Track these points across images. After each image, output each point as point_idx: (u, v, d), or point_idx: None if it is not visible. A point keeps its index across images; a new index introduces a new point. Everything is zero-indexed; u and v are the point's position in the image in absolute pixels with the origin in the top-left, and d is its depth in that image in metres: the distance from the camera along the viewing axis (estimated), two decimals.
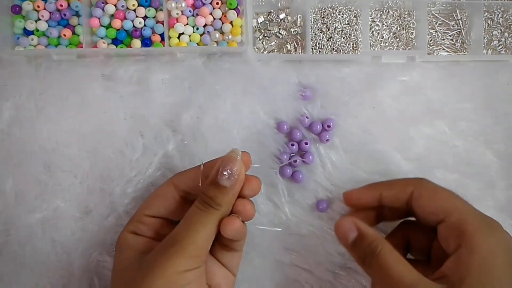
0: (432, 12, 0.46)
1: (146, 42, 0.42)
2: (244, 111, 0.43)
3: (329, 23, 0.45)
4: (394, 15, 0.46)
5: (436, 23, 0.46)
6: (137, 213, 0.36)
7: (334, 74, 0.44)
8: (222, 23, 0.43)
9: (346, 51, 0.45)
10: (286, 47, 0.45)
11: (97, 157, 0.41)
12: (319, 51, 0.45)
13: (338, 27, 0.45)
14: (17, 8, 0.41)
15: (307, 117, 0.43)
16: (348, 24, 0.45)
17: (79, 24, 0.42)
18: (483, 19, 0.46)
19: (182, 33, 0.42)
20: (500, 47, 0.47)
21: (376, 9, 0.46)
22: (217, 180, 0.31)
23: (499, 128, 0.46)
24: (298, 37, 0.45)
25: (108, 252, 0.41)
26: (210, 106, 0.42)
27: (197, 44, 0.43)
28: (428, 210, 0.34)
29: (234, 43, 0.43)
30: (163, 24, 0.42)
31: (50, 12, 0.41)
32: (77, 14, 0.42)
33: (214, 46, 0.43)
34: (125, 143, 0.42)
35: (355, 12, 0.45)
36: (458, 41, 0.47)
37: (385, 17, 0.46)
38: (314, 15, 0.45)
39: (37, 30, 0.41)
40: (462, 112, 0.45)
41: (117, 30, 0.42)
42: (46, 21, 0.41)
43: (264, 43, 0.45)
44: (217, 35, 0.42)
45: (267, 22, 0.45)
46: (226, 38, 0.43)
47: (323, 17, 0.45)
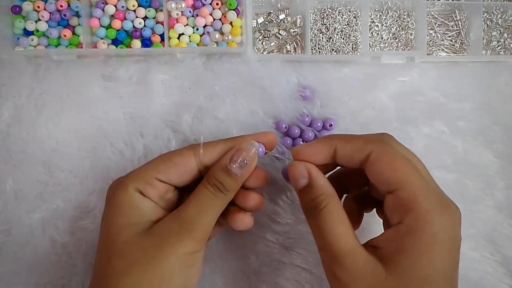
0: (432, 13, 0.46)
1: (146, 43, 0.42)
2: (244, 111, 0.43)
3: (329, 24, 0.45)
4: (393, 15, 0.46)
5: (435, 24, 0.46)
6: (147, 173, 0.33)
7: (333, 75, 0.44)
8: (222, 24, 0.43)
9: (345, 52, 0.45)
10: (286, 47, 0.45)
11: (97, 157, 0.42)
12: (319, 52, 0.45)
13: (338, 28, 0.45)
14: (17, 9, 0.41)
15: (307, 116, 0.43)
16: (347, 24, 0.45)
17: (79, 25, 0.42)
18: (482, 19, 0.46)
19: (182, 34, 0.42)
20: (499, 47, 0.47)
21: (376, 9, 0.46)
22: (228, 167, 0.32)
23: (498, 128, 0.46)
24: (298, 38, 0.45)
25: None
26: (210, 106, 0.43)
27: (197, 44, 0.43)
28: (380, 178, 0.30)
29: (234, 43, 0.43)
30: (163, 25, 0.42)
31: (50, 13, 0.41)
32: (77, 15, 0.42)
33: (214, 46, 0.43)
34: (125, 143, 0.42)
35: (354, 12, 0.45)
36: (457, 41, 0.47)
37: (384, 17, 0.46)
38: (313, 16, 0.45)
39: (37, 31, 0.41)
40: (461, 112, 0.46)
41: (117, 30, 0.42)
42: (46, 22, 0.41)
43: (263, 43, 0.45)
44: (217, 36, 0.42)
45: (266, 22, 0.45)
46: (226, 38, 0.43)
47: (323, 18, 0.45)
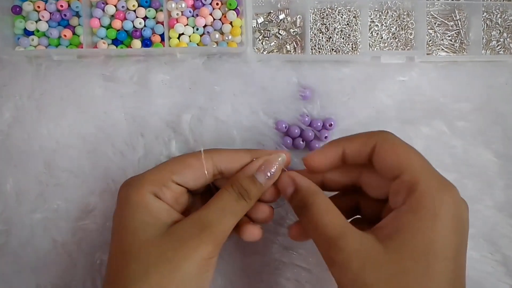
0: (431, 13, 0.46)
1: (146, 43, 0.42)
2: (244, 111, 0.43)
3: (329, 24, 0.45)
4: (393, 15, 0.46)
5: (435, 24, 0.47)
6: (163, 175, 0.33)
7: (333, 74, 0.44)
8: (222, 24, 0.43)
9: (345, 52, 0.45)
10: (286, 47, 0.45)
11: (97, 157, 0.42)
12: (319, 52, 0.45)
13: (338, 28, 0.45)
14: (17, 9, 0.41)
15: (307, 116, 0.43)
16: (347, 24, 0.45)
17: (79, 25, 0.42)
18: (482, 19, 0.46)
19: (182, 34, 0.43)
20: (498, 47, 0.47)
21: (375, 9, 0.46)
22: (256, 176, 0.33)
23: (497, 128, 0.46)
24: (298, 38, 0.45)
25: None
26: (210, 106, 0.43)
27: (197, 44, 0.43)
28: (385, 166, 0.32)
29: (234, 43, 0.43)
30: (163, 25, 0.42)
31: (50, 13, 0.41)
32: (77, 15, 0.42)
33: (214, 46, 0.43)
34: (126, 143, 0.42)
35: (354, 12, 0.45)
36: (457, 41, 0.47)
37: (384, 17, 0.46)
38: (313, 16, 0.45)
39: (38, 31, 0.42)
40: (460, 112, 0.46)
41: (117, 30, 0.42)
42: (47, 22, 0.41)
43: (263, 43, 0.45)
44: (217, 36, 0.42)
45: (266, 22, 0.45)
46: (226, 38, 0.43)
47: (323, 18, 0.45)
